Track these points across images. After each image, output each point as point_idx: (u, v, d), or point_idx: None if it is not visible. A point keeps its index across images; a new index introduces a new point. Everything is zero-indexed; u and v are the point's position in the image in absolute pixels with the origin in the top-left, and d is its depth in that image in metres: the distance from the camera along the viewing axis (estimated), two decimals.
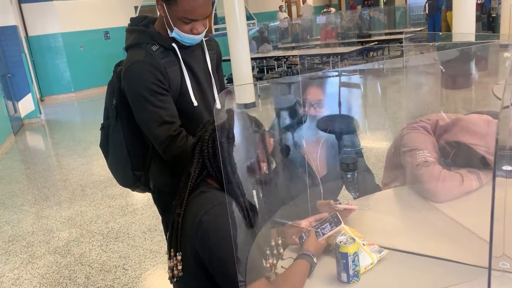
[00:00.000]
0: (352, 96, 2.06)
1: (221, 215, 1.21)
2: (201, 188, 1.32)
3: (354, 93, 2.09)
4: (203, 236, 1.22)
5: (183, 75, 1.59)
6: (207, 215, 1.23)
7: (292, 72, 5.94)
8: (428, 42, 9.11)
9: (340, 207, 1.51)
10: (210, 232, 1.22)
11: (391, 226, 1.58)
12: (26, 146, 7.03)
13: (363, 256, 1.27)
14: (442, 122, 1.81)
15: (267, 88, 3.61)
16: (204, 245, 1.23)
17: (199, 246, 1.24)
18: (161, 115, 1.53)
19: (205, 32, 1.57)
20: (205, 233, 1.22)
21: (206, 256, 1.24)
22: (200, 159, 1.32)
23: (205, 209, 1.24)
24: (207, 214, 1.23)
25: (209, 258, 1.24)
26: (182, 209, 1.30)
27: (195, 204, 1.29)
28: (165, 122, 1.53)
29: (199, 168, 1.32)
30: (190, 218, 1.28)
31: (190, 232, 1.27)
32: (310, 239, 1.34)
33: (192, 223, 1.25)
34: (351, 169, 1.72)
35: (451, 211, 1.56)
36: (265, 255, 1.29)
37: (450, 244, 1.39)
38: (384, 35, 11.15)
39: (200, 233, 1.23)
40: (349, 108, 2.05)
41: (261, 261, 1.26)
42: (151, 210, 3.87)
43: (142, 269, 2.96)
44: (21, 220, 4.04)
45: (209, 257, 1.24)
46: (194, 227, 1.24)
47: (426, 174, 1.65)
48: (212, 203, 1.26)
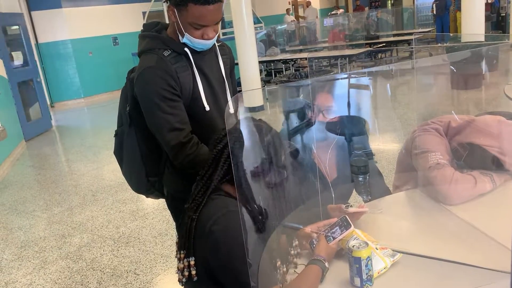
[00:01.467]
0: (361, 97, 2.05)
1: (230, 224, 1.21)
2: (211, 195, 1.32)
3: (363, 94, 2.08)
4: (213, 246, 1.22)
5: (195, 79, 1.59)
6: (216, 225, 1.22)
7: (301, 75, 5.94)
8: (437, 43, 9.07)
9: (351, 211, 1.50)
10: (220, 243, 1.21)
11: (403, 230, 1.56)
12: (37, 152, 7.09)
13: (376, 260, 1.26)
14: (454, 123, 1.79)
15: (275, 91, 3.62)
16: (214, 256, 1.23)
17: (209, 256, 1.24)
18: (171, 121, 1.53)
19: (216, 37, 1.58)
20: (215, 243, 1.22)
21: (216, 265, 1.24)
22: (225, 165, 1.31)
23: (214, 219, 1.24)
24: (216, 224, 1.23)
25: (220, 268, 1.23)
26: (197, 214, 1.30)
27: (205, 212, 1.29)
28: (175, 129, 1.53)
29: (222, 174, 1.31)
30: (200, 224, 1.27)
31: (200, 241, 1.26)
32: (321, 244, 1.33)
33: (202, 232, 1.25)
34: (363, 172, 1.71)
35: (465, 213, 1.54)
36: (275, 263, 1.29)
37: (464, 248, 1.38)
38: (392, 37, 11.11)
39: (211, 243, 1.23)
40: (359, 109, 2.04)
41: (273, 268, 1.25)
42: (161, 215, 3.88)
43: (153, 273, 2.97)
44: (33, 226, 4.08)
45: (220, 266, 1.23)
46: (203, 237, 1.24)
47: (438, 176, 1.63)
48: (221, 211, 1.25)
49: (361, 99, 2.04)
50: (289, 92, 2.03)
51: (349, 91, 1.99)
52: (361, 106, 2.07)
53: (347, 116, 1.95)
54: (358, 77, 2.31)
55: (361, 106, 2.07)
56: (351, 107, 1.96)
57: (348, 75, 2.26)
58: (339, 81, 2.15)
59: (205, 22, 1.48)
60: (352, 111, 1.96)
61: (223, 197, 1.31)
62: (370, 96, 2.04)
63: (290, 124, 1.87)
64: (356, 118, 1.97)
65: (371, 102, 2.06)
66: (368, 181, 1.70)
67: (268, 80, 9.84)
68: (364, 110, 2.07)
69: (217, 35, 1.57)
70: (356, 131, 1.93)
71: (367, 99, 2.05)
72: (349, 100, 1.97)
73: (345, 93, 2.00)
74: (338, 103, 1.95)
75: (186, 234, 1.32)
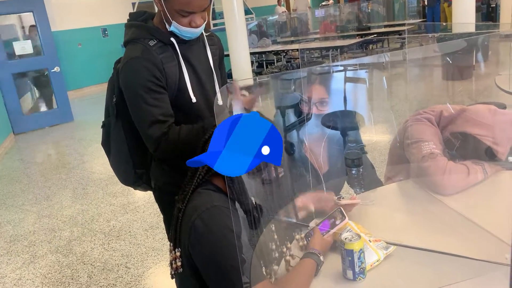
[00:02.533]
0: (355, 90, 2.03)
1: (212, 219, 1.19)
2: (199, 188, 1.29)
3: (358, 87, 2.06)
4: (195, 240, 1.20)
5: (181, 70, 1.55)
6: (199, 220, 1.20)
7: (292, 67, 5.91)
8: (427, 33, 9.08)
9: (343, 202, 1.48)
10: (202, 237, 1.19)
11: (396, 221, 1.55)
12: (26, 145, 7.00)
13: (369, 253, 1.24)
14: (446, 113, 1.78)
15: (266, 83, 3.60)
16: (196, 249, 1.21)
17: (192, 251, 1.22)
18: (154, 113, 1.50)
19: (204, 25, 1.54)
20: (196, 237, 1.20)
21: (199, 261, 1.22)
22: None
23: (198, 212, 1.21)
24: (199, 219, 1.20)
25: (202, 263, 1.22)
26: (184, 204, 1.28)
27: (191, 205, 1.27)
28: (158, 121, 1.50)
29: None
30: (185, 218, 1.25)
31: (184, 233, 1.25)
32: (316, 237, 1.32)
33: (186, 224, 1.23)
34: (356, 165, 1.69)
35: (457, 204, 1.53)
36: (266, 259, 1.27)
37: (457, 239, 1.37)
38: (383, 27, 11.09)
39: (192, 237, 1.21)
40: (353, 102, 2.02)
41: (265, 262, 1.23)
42: (152, 208, 3.85)
43: (144, 267, 2.94)
44: (23, 220, 4.03)
45: (202, 262, 1.21)
46: (187, 230, 1.22)
47: (432, 166, 1.62)
48: (205, 205, 1.23)
49: (356, 92, 2.03)
50: (280, 84, 2.00)
51: (345, 84, 1.97)
52: (356, 99, 2.05)
53: (339, 110, 1.93)
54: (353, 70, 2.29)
55: (356, 99, 2.05)
56: (348, 102, 1.94)
57: (343, 68, 2.24)
58: (334, 74, 2.12)
59: (192, 8, 1.45)
60: (349, 106, 1.94)
61: (211, 191, 1.28)
62: (365, 89, 2.02)
63: (286, 120, 1.84)
64: (348, 112, 1.95)
65: (365, 94, 2.04)
66: (361, 173, 1.69)
67: (259, 72, 9.79)
68: (360, 104, 2.05)
69: (205, 22, 1.53)
70: (349, 125, 1.91)
71: (361, 92, 2.03)
72: (345, 94, 1.96)
73: (341, 87, 1.98)
74: (333, 97, 1.92)
75: (173, 226, 1.30)
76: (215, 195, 1.26)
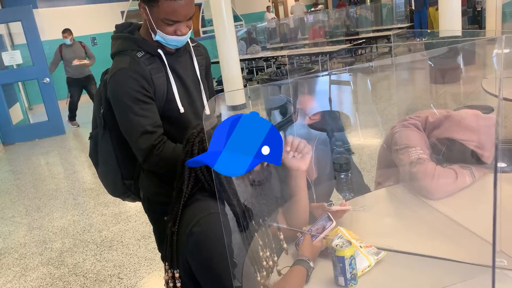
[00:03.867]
0: (342, 93, 2.05)
1: (211, 226, 1.19)
2: (196, 196, 1.29)
3: (344, 90, 2.08)
4: (193, 247, 1.20)
5: (169, 81, 1.56)
6: (197, 226, 1.20)
7: (282, 73, 5.95)
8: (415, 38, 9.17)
9: (334, 209, 1.50)
10: (201, 244, 1.19)
11: (387, 227, 1.57)
12: (16, 156, 6.94)
13: (360, 259, 1.25)
14: (431, 118, 1.81)
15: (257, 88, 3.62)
16: (195, 257, 1.21)
17: (190, 258, 1.22)
18: (143, 124, 1.50)
19: (190, 33, 1.54)
20: (195, 245, 1.20)
21: (197, 268, 1.22)
22: (193, 173, 1.28)
23: (195, 220, 1.21)
24: (197, 225, 1.20)
25: (200, 270, 1.22)
26: (176, 227, 1.27)
27: (188, 213, 1.26)
28: (147, 132, 1.50)
29: (192, 183, 1.28)
30: (182, 228, 1.25)
31: (182, 243, 1.24)
32: (305, 243, 1.32)
33: (183, 233, 1.23)
34: (345, 169, 1.71)
35: (446, 208, 1.55)
36: (259, 265, 1.27)
37: (447, 243, 1.39)
38: (371, 32, 11.20)
39: (191, 245, 1.21)
40: (340, 105, 2.04)
41: (256, 269, 1.24)
42: (144, 217, 3.80)
43: (137, 277, 2.93)
44: (13, 232, 3.99)
45: (200, 269, 1.21)
46: (185, 238, 1.22)
47: (420, 171, 1.64)
48: (203, 213, 1.23)
49: (342, 94, 2.04)
50: (270, 90, 2.01)
51: (330, 87, 1.98)
52: (342, 101, 2.07)
53: (325, 111, 1.94)
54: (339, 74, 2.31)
55: (342, 101, 2.07)
56: (332, 103, 1.95)
57: (328, 73, 2.26)
58: (319, 78, 2.14)
59: (177, 17, 1.45)
60: (334, 106, 1.96)
61: (207, 198, 1.28)
62: (350, 92, 2.04)
63: (272, 120, 1.86)
64: (332, 112, 1.96)
65: (352, 97, 2.06)
66: (350, 178, 1.71)
67: (249, 78, 9.82)
68: (345, 105, 2.07)
69: (190, 31, 1.54)
70: (334, 126, 1.93)
71: (348, 94, 2.05)
72: (330, 95, 1.97)
73: (326, 89, 2.00)
74: (318, 99, 1.94)
75: (168, 246, 1.29)
76: (212, 202, 1.27)
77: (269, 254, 1.32)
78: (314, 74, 3.14)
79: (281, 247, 1.40)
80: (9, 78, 7.68)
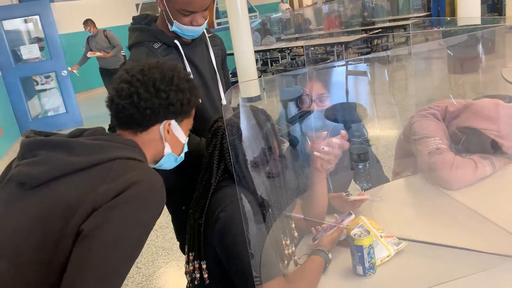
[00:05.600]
0: (358, 84, 2.03)
1: (238, 211, 1.20)
2: (221, 183, 1.30)
3: (361, 81, 2.06)
4: (219, 232, 1.21)
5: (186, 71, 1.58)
6: (223, 212, 1.22)
7: (297, 64, 5.91)
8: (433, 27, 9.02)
9: (352, 199, 1.49)
10: (226, 229, 1.20)
11: (406, 217, 1.56)
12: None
13: (380, 248, 1.25)
14: (451, 108, 1.79)
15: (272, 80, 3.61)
16: (221, 243, 1.22)
17: (216, 244, 1.23)
18: None
19: (205, 24, 1.56)
20: (221, 229, 1.21)
21: (223, 254, 1.23)
22: (222, 166, 1.29)
23: (222, 206, 1.23)
24: (223, 211, 1.22)
25: (226, 255, 1.22)
26: (203, 219, 1.28)
27: (215, 200, 1.28)
28: None
29: (220, 174, 1.30)
30: (209, 214, 1.26)
31: (208, 230, 1.25)
32: (324, 235, 1.33)
33: (210, 219, 1.24)
34: (362, 160, 1.69)
35: (465, 198, 1.54)
36: (281, 250, 1.28)
37: (466, 233, 1.37)
38: (388, 22, 11.04)
39: (217, 230, 1.22)
40: (356, 96, 2.02)
41: (277, 258, 1.25)
42: None
43: (155, 267, 2.97)
44: None
45: (226, 254, 1.22)
46: (211, 224, 1.23)
47: (439, 161, 1.63)
48: (229, 199, 1.23)
49: (359, 86, 2.03)
50: (286, 81, 2.01)
51: (347, 78, 1.97)
52: (359, 93, 2.05)
53: (340, 103, 1.93)
54: (356, 64, 2.29)
55: (359, 93, 2.05)
56: (349, 95, 1.94)
57: (345, 63, 2.24)
58: (335, 68, 2.13)
59: (193, 8, 1.47)
60: (350, 97, 1.95)
61: (232, 185, 1.28)
62: (367, 82, 2.02)
63: (288, 113, 1.85)
64: (348, 104, 1.95)
65: (368, 88, 2.05)
66: (368, 169, 1.70)
67: (264, 70, 9.79)
68: (362, 97, 2.06)
69: (206, 21, 1.55)
70: (351, 117, 1.91)
71: (365, 85, 2.03)
72: (347, 87, 1.96)
73: (342, 80, 1.98)
74: (335, 90, 1.93)
75: (193, 237, 1.31)
76: (236, 189, 1.27)
77: (289, 243, 1.33)
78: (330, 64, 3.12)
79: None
80: (28, 71, 7.80)
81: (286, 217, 1.43)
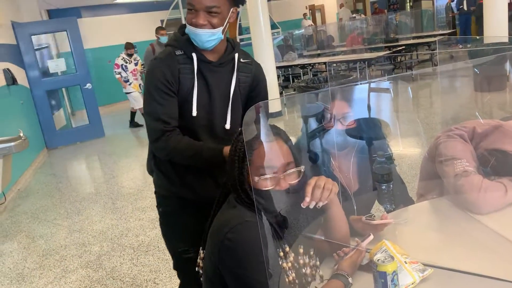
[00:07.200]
0: (381, 100, 1.99)
1: (245, 233, 1.18)
2: (232, 199, 1.30)
3: (384, 97, 2.02)
4: (226, 252, 1.20)
5: (193, 84, 1.64)
6: (232, 233, 1.20)
7: (319, 80, 5.89)
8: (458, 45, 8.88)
9: (374, 223, 1.44)
10: (233, 251, 1.19)
11: (431, 241, 1.50)
12: (58, 160, 7.18)
13: (404, 275, 1.20)
14: (479, 129, 1.73)
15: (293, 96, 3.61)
16: (225, 262, 1.21)
17: (219, 261, 1.22)
18: (158, 111, 1.60)
19: (210, 32, 1.56)
20: (228, 250, 1.20)
21: (227, 272, 1.22)
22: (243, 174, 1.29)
23: (230, 226, 1.22)
24: (231, 232, 1.20)
25: (231, 277, 1.21)
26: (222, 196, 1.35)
27: (224, 216, 1.28)
28: (161, 119, 1.60)
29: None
30: (216, 227, 1.26)
31: (212, 242, 1.25)
32: (345, 258, 1.28)
33: (217, 235, 1.24)
34: (386, 180, 1.64)
35: (495, 223, 1.47)
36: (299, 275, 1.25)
37: (495, 260, 1.31)
38: (411, 39, 10.94)
39: (223, 249, 1.21)
40: (379, 113, 1.98)
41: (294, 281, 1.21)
42: None
43: (172, 283, 2.94)
44: (54, 234, 4.11)
45: (230, 273, 1.21)
46: (217, 241, 1.23)
47: (466, 184, 1.57)
48: (238, 220, 1.22)
49: (381, 102, 1.99)
50: (307, 98, 1.99)
51: (369, 95, 1.93)
52: (382, 109, 2.01)
53: (362, 118, 1.90)
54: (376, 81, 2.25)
55: (382, 109, 2.01)
56: (372, 110, 1.90)
57: (368, 82, 2.21)
58: (357, 86, 2.09)
59: (194, 2, 1.53)
60: (373, 113, 1.91)
61: (242, 208, 1.27)
62: (390, 99, 1.98)
63: (308, 128, 1.83)
64: (371, 120, 1.91)
65: (391, 105, 2.01)
66: (392, 189, 1.65)
67: (285, 86, 9.80)
68: (384, 113, 2.02)
69: (218, 33, 1.57)
70: (374, 134, 1.87)
71: (388, 102, 1.99)
72: (369, 103, 1.92)
73: (364, 97, 1.95)
74: (357, 107, 1.89)
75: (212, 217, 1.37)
76: (247, 211, 1.25)
77: (307, 261, 1.29)
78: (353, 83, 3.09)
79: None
80: (54, 84, 8.00)
81: (306, 238, 1.40)
